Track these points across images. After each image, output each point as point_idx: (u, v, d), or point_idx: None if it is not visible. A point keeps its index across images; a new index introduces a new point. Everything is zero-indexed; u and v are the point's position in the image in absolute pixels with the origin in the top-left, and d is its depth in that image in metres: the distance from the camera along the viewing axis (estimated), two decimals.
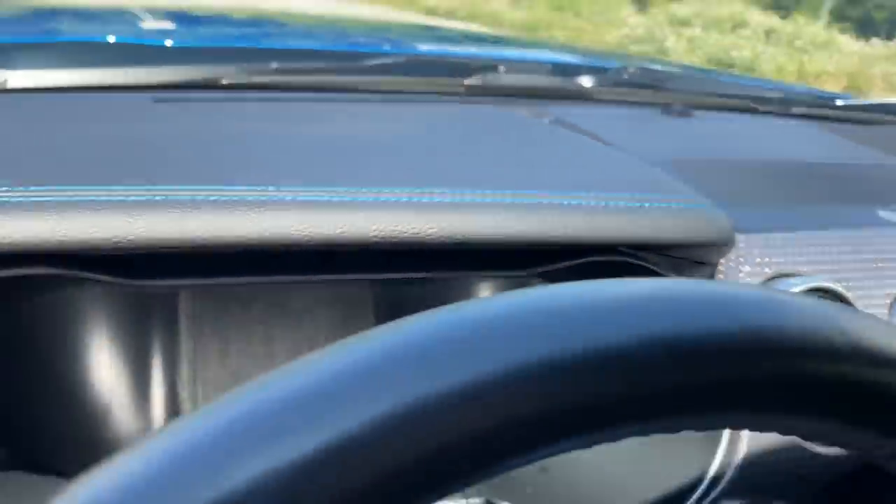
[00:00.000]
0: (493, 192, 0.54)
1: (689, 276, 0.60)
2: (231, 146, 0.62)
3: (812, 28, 8.14)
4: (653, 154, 0.75)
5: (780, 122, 1.06)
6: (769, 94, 1.14)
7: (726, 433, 0.58)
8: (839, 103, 1.14)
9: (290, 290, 0.66)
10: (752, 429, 0.25)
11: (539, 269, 0.63)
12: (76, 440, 0.59)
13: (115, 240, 0.43)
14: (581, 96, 1.04)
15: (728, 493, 0.59)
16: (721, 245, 0.57)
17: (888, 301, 0.62)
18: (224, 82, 0.83)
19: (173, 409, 0.63)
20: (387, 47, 1.20)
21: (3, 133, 0.58)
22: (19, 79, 0.73)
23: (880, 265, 0.61)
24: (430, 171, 0.59)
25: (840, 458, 0.58)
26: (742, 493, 0.59)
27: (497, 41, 1.72)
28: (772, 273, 0.58)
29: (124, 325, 0.61)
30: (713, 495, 0.58)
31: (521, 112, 0.91)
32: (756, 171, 0.76)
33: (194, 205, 0.45)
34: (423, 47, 1.25)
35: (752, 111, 1.06)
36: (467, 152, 0.69)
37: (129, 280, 0.50)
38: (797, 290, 0.57)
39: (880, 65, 7.01)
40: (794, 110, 1.11)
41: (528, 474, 0.61)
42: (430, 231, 0.49)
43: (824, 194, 0.72)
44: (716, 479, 0.58)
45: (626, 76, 1.11)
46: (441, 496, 0.21)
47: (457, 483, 0.21)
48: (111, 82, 0.78)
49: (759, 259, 0.58)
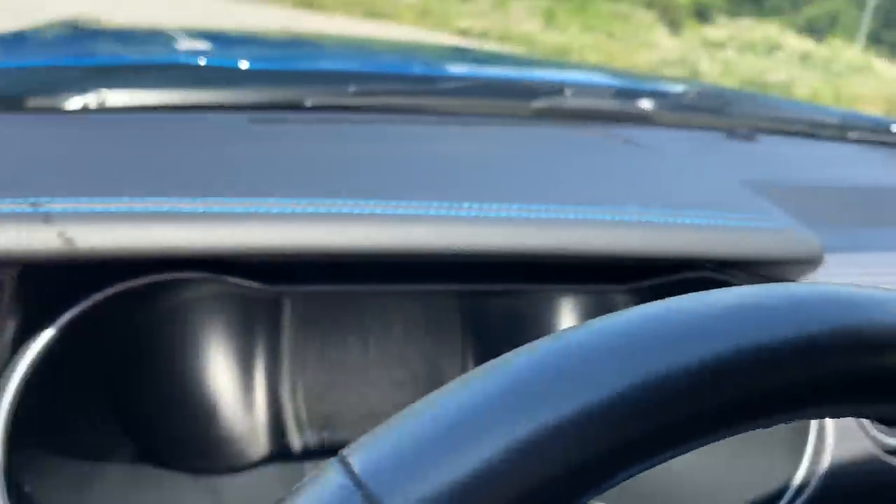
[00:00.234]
0: (588, 209, 0.56)
1: None
2: (332, 163, 0.65)
3: (848, 52, 8.10)
4: (726, 176, 0.77)
5: (842, 146, 1.07)
6: (827, 119, 1.16)
7: (811, 442, 0.59)
8: (894, 129, 1.15)
9: (384, 300, 0.69)
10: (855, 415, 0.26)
11: (628, 286, 0.65)
12: (188, 439, 0.62)
13: (264, 247, 0.46)
14: (644, 119, 1.06)
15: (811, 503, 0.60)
16: (809, 263, 0.59)
17: None
18: (308, 104, 0.86)
19: (275, 411, 0.66)
20: (455, 71, 1.23)
21: (127, 149, 0.61)
22: (118, 98, 0.76)
23: None
24: (523, 187, 0.62)
25: None
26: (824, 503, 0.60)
27: (559, 65, 1.75)
28: None
29: (233, 328, 0.64)
30: (799, 502, 0.59)
31: (590, 134, 0.93)
32: (830, 193, 0.78)
33: (333, 217, 0.48)
34: (490, 71, 1.28)
35: (813, 136, 1.08)
36: (553, 171, 0.71)
37: (263, 285, 0.53)
38: None
39: None
40: (852, 135, 1.12)
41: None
42: (534, 244, 0.51)
43: None
44: (800, 489, 0.60)
45: (686, 100, 1.13)
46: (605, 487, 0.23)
47: (621, 473, 0.23)
48: (203, 102, 0.81)
49: (844, 278, 0.60)
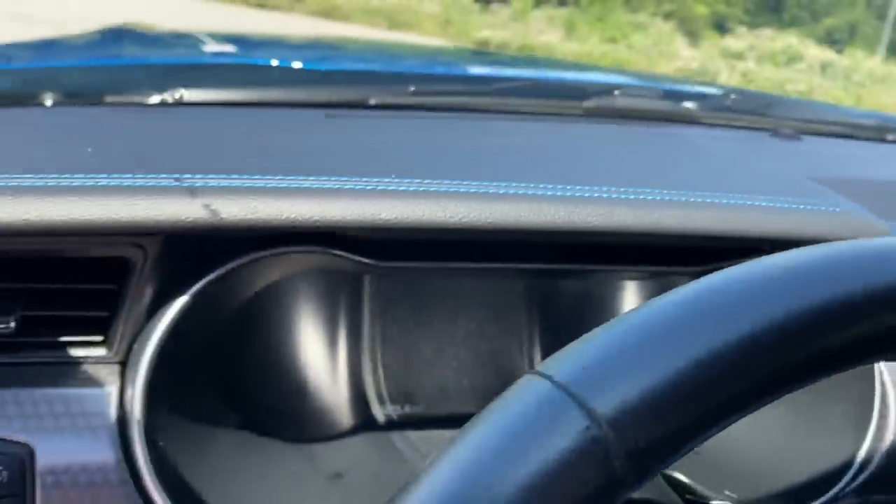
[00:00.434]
0: (663, 192, 0.60)
1: None
2: (413, 151, 0.69)
3: (869, 62, 8.10)
4: (781, 168, 0.80)
5: (881, 146, 1.10)
6: (864, 121, 1.19)
7: (874, 419, 0.62)
8: None
9: (459, 279, 0.73)
10: None
11: (693, 269, 0.68)
12: (283, 409, 0.66)
13: (377, 221, 0.50)
14: (689, 119, 1.09)
15: (873, 481, 0.63)
16: None
17: None
18: (371, 102, 0.91)
19: (358, 385, 0.70)
20: (504, 73, 1.27)
21: (231, 136, 0.66)
22: (208, 94, 0.81)
23: None
24: (593, 173, 0.65)
25: None
26: (887, 482, 0.64)
27: (600, 69, 1.79)
28: None
29: (322, 304, 0.68)
30: (860, 480, 0.63)
31: (641, 132, 0.97)
32: (879, 187, 0.81)
33: (437, 195, 0.52)
34: (538, 73, 1.32)
35: (852, 136, 1.11)
36: (618, 160, 0.75)
37: (373, 260, 0.57)
38: None
39: None
40: (890, 136, 1.15)
41: None
42: (614, 223, 0.55)
43: None
44: (863, 466, 0.63)
45: (728, 102, 1.17)
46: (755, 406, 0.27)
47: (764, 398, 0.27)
48: (282, 100, 0.86)
49: None
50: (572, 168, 0.69)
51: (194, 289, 0.51)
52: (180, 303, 0.51)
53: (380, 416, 0.71)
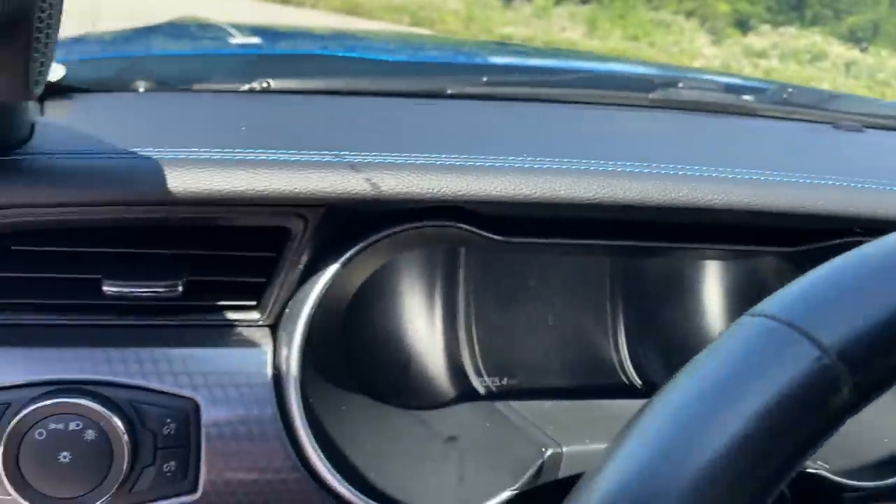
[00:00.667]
0: (768, 172, 0.63)
1: None
2: (509, 134, 0.73)
3: (893, 60, 8.05)
4: (857, 155, 0.83)
5: None
6: None
7: None
8: None
9: (548, 256, 0.76)
10: None
11: (780, 250, 0.71)
12: (389, 381, 0.70)
13: (522, 196, 0.54)
14: (751, 112, 1.13)
15: None
16: None
17: None
18: (448, 92, 0.95)
19: (454, 360, 0.74)
20: (569, 65, 1.31)
21: (338, 120, 0.70)
22: (298, 83, 0.85)
23: None
24: (691, 155, 0.69)
25: None
26: None
27: (657, 65, 1.82)
28: None
29: (422, 281, 0.72)
30: None
31: (710, 121, 1.00)
32: None
33: (563, 172, 0.56)
34: (600, 65, 1.36)
35: None
36: (706, 144, 0.78)
37: (497, 236, 0.61)
38: None
39: None
40: None
41: None
42: (731, 201, 0.59)
43: None
44: None
45: (787, 96, 1.20)
46: None
47: None
48: (369, 89, 0.90)
49: None
50: (666, 151, 0.73)
51: (343, 258, 0.56)
52: (331, 271, 0.56)
53: (480, 388, 0.75)
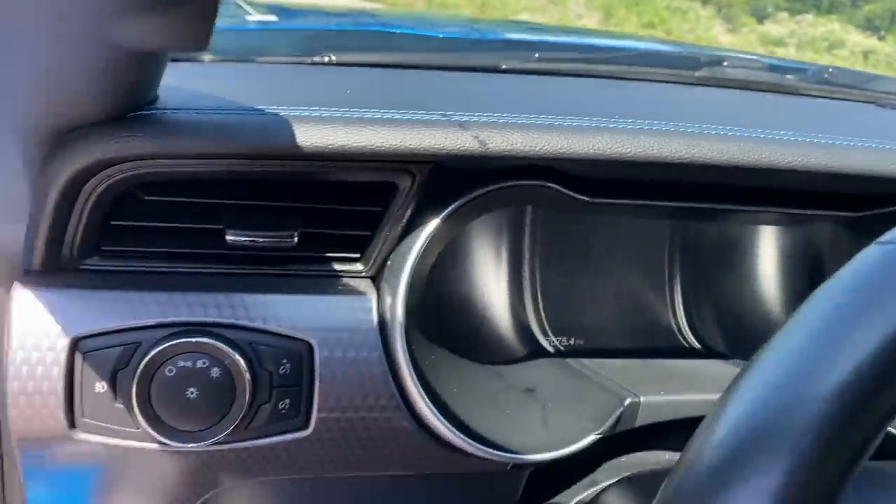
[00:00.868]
0: (838, 137, 0.66)
1: None
2: (575, 102, 0.76)
3: None
4: None
5: None
6: None
7: None
8: None
9: (610, 218, 0.80)
10: None
11: (838, 215, 0.74)
12: (463, 336, 0.74)
13: (605, 154, 0.58)
14: (794, 91, 1.16)
15: None
16: None
17: None
18: (503, 67, 0.98)
19: (521, 320, 0.78)
20: (617, 43, 1.34)
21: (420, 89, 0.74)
22: (369, 56, 0.89)
23: None
24: (756, 122, 0.72)
25: None
26: None
27: (695, 46, 1.85)
28: None
29: (491, 242, 0.76)
30: None
31: (759, 97, 1.03)
32: None
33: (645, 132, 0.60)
34: (646, 45, 1.39)
35: None
36: (764, 115, 0.81)
37: (585, 196, 0.64)
38: None
39: None
40: None
41: None
42: (809, 163, 0.62)
43: None
44: None
45: (828, 76, 1.23)
46: None
47: None
48: (432, 63, 0.93)
49: None
50: (730, 120, 0.76)
51: (445, 213, 0.60)
52: (433, 225, 0.60)
53: (548, 347, 0.79)
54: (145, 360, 0.55)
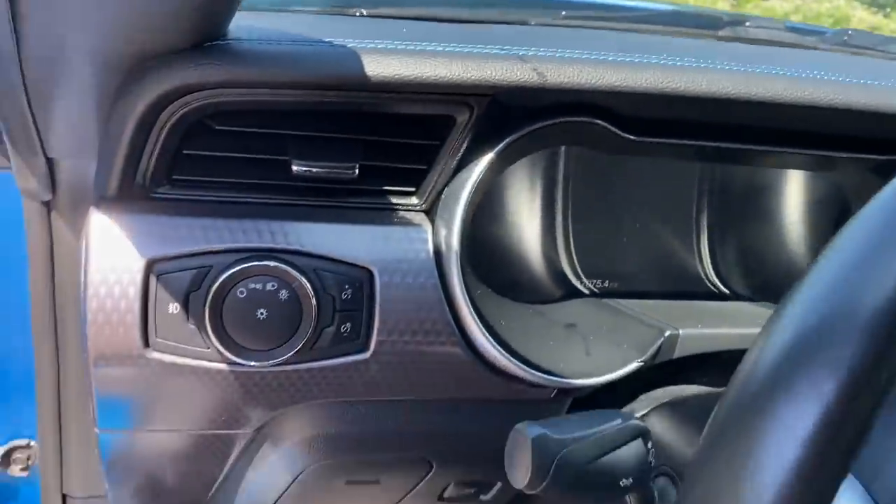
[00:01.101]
0: (874, 79, 0.68)
1: None
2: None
3: None
4: None
5: None
6: None
7: None
8: None
9: (642, 163, 0.82)
10: None
11: (877, 157, 0.76)
12: (505, 276, 0.77)
13: (657, 88, 0.60)
14: (814, 48, 1.18)
15: None
16: None
17: None
18: (531, 23, 1.00)
19: (553, 263, 0.81)
20: (643, 4, 1.36)
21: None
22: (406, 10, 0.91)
23: None
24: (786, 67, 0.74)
25: None
26: None
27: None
28: None
29: (529, 164, 0.78)
30: None
31: (782, 52, 1.05)
32: None
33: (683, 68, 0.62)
34: (670, 6, 1.41)
35: None
36: (796, 61, 0.83)
37: (631, 135, 0.67)
38: None
39: None
40: None
41: None
42: (847, 100, 0.64)
43: None
44: None
45: (846, 37, 1.25)
46: None
47: None
48: (461, 17, 0.95)
49: None
50: (766, 63, 0.78)
51: (499, 147, 0.62)
52: (487, 159, 0.62)
53: (582, 289, 0.82)
54: (217, 282, 0.57)
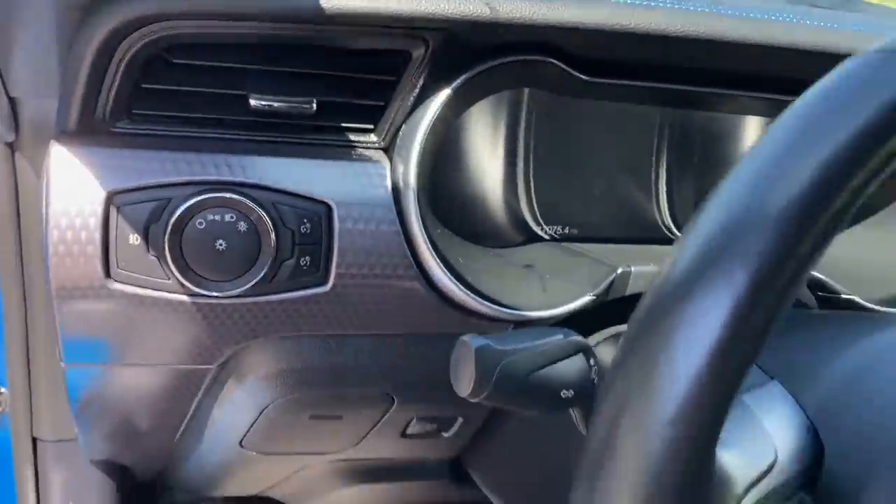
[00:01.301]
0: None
1: None
2: None
3: None
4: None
5: None
6: None
7: None
8: None
9: (602, 108, 0.83)
10: None
11: None
12: (465, 219, 0.78)
13: (609, 25, 0.61)
14: None
15: None
16: None
17: None
18: None
19: (514, 208, 0.81)
20: None
21: None
22: None
23: None
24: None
25: None
26: None
27: None
28: None
29: (490, 108, 0.79)
30: None
31: None
32: None
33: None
34: None
35: None
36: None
37: (583, 75, 0.68)
38: None
39: None
40: None
41: None
42: (815, 40, 0.66)
43: None
44: None
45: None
46: None
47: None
48: None
49: None
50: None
51: (454, 84, 0.63)
52: (443, 96, 0.63)
53: (542, 234, 0.84)
54: (176, 214, 0.58)
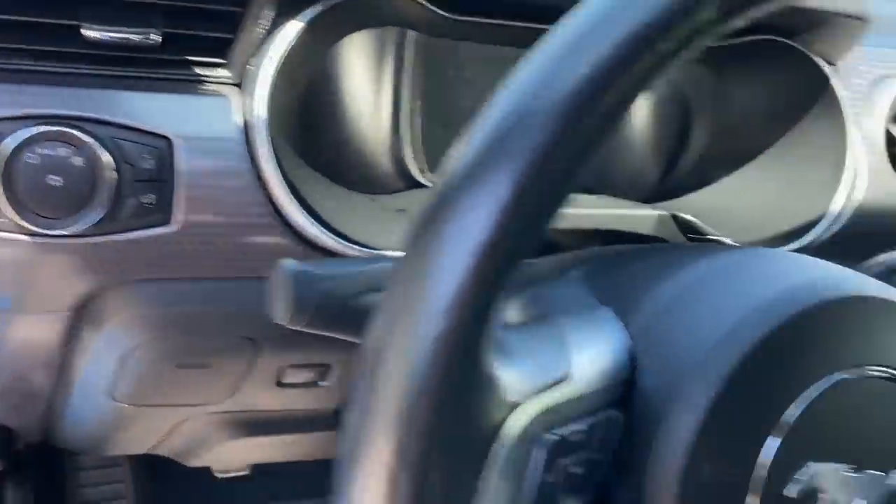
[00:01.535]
0: None
1: None
2: None
3: None
4: None
5: None
6: None
7: (846, 180, 0.75)
8: None
9: (485, 48, 0.81)
10: None
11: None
12: (341, 161, 0.76)
13: None
14: None
15: (843, 233, 0.77)
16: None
17: None
18: None
19: (398, 155, 0.80)
20: None
21: None
22: None
23: None
24: None
25: None
26: (854, 237, 0.77)
27: None
28: None
29: (374, 54, 0.77)
30: (832, 231, 0.76)
31: None
32: None
33: None
34: None
35: None
36: None
37: (446, 12, 0.66)
38: None
39: None
40: None
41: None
42: None
43: None
44: (835, 220, 0.76)
45: None
46: None
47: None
48: None
49: None
50: None
51: (307, 19, 0.61)
52: (294, 30, 0.61)
53: (427, 183, 0.83)
54: (6, 148, 0.56)
